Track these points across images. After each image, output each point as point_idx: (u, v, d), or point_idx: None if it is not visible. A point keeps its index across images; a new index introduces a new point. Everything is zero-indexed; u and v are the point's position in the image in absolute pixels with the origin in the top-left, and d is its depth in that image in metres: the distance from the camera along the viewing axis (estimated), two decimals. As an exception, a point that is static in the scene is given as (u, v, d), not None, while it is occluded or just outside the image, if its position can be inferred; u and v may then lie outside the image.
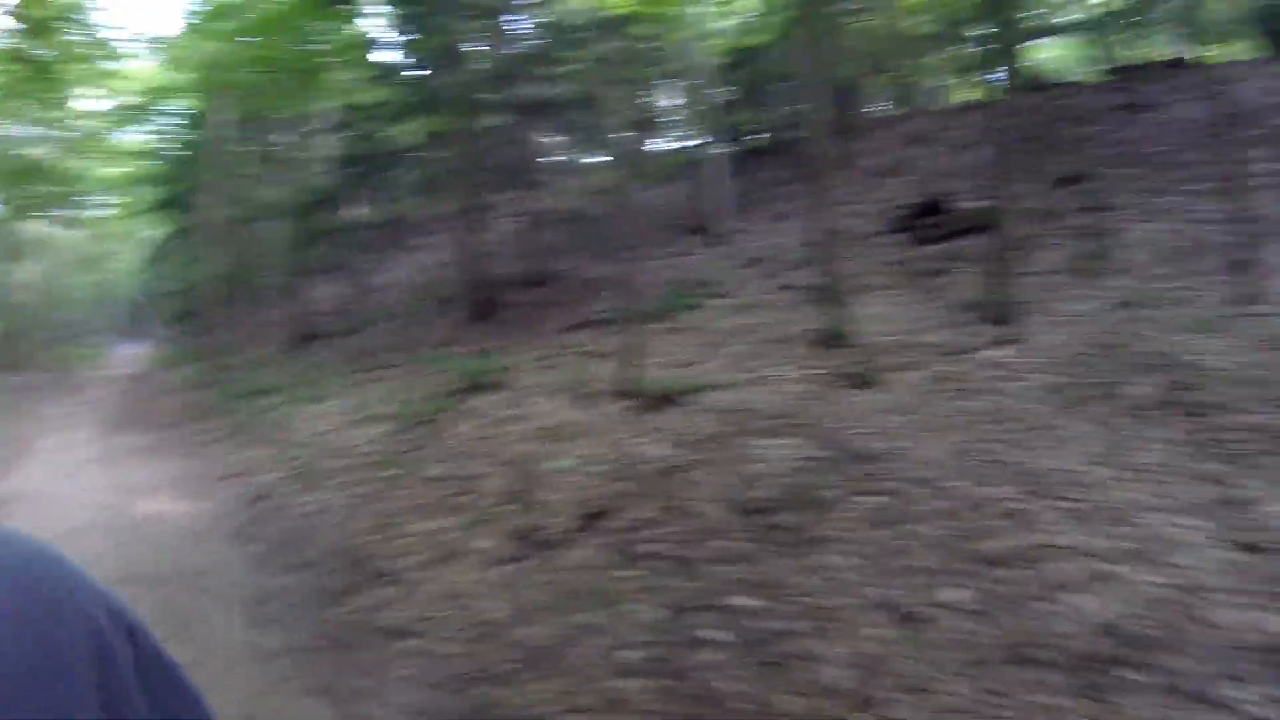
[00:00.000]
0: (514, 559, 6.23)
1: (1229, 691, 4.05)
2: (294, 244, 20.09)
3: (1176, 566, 4.79)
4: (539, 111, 16.52)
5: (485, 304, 15.49)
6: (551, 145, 19.75)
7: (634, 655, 4.75)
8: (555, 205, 17.48)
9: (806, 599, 4.99)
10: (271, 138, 21.88)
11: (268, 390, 14.32)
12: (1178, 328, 8.01)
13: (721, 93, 18.97)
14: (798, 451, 6.68)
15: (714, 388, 8.42)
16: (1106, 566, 4.83)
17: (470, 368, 10.98)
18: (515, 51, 16.82)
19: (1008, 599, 4.71)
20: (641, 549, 5.97)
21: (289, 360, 17.93)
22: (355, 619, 5.70)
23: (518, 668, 4.81)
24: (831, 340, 8.85)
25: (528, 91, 16.17)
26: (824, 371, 8.30)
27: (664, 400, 8.32)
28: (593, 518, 6.54)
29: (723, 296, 11.71)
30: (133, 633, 0.79)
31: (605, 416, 8.50)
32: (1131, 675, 4.15)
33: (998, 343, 8.32)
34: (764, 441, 6.97)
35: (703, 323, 10.82)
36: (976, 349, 8.31)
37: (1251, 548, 4.91)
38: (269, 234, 21.73)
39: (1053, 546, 5.07)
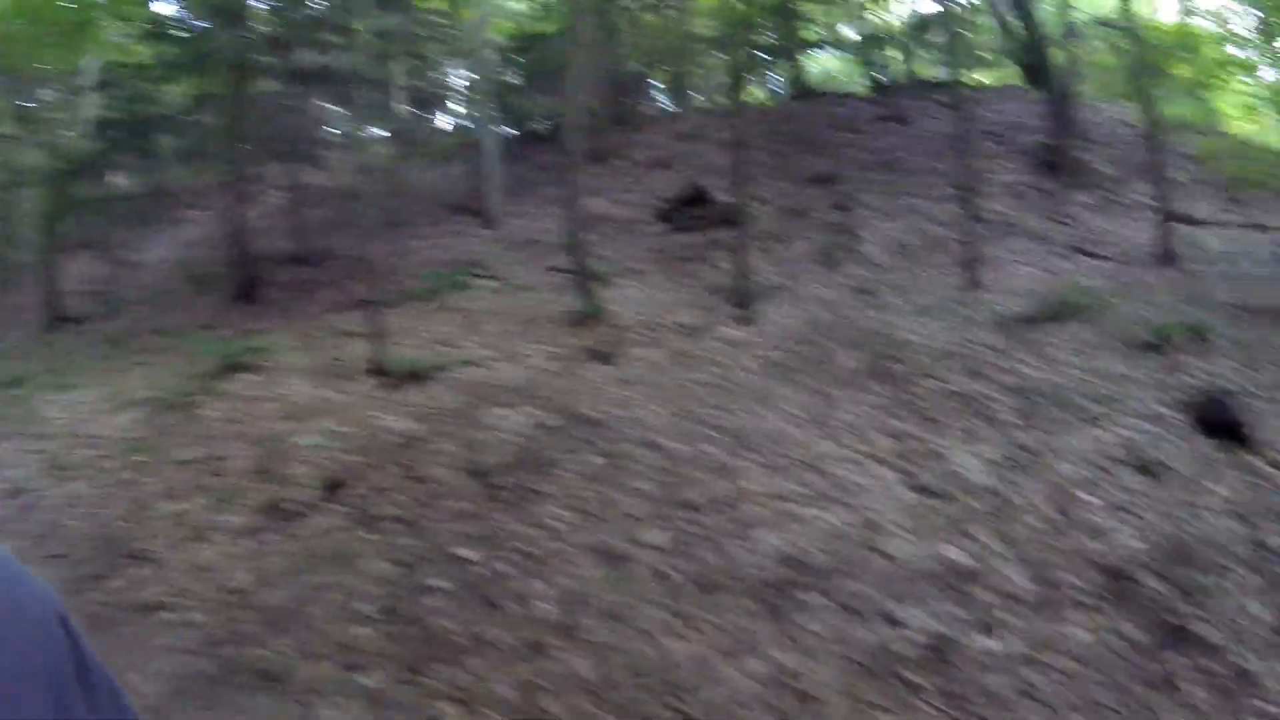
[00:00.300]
0: (260, 531, 6.38)
1: (900, 610, 4.55)
2: (49, 216, 18.51)
3: (861, 507, 5.27)
4: (318, 80, 15.84)
5: (251, 283, 14.70)
6: (329, 117, 18.96)
7: (368, 607, 5.07)
8: (329, 180, 16.87)
9: (524, 548, 5.35)
10: (33, 94, 20.06)
11: (18, 380, 13.25)
12: (901, 311, 8.67)
13: (506, 75, 18.79)
14: (532, 420, 6.90)
15: (466, 364, 8.53)
16: (795, 508, 5.31)
17: (228, 350, 10.57)
18: (299, 15, 16.05)
19: (704, 538, 5.14)
20: (378, 513, 6.20)
21: (41, 346, 16.66)
22: (112, 600, 5.65)
23: (263, 628, 5.05)
24: (585, 320, 9.03)
25: (308, 58, 15.49)
26: (571, 349, 8.52)
27: (414, 377, 8.39)
28: (334, 488, 6.67)
29: (491, 278, 11.70)
30: (69, 633, 0.77)
31: (355, 394, 8.52)
32: (811, 599, 4.62)
33: (736, 323, 8.76)
34: (502, 412, 7.16)
35: (468, 303, 10.79)
36: (716, 328, 8.72)
37: (932, 491, 5.45)
38: (21, 204, 19.97)
39: (749, 493, 5.55)
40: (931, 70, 20.34)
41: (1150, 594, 4.91)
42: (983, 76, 21.06)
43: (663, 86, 23.32)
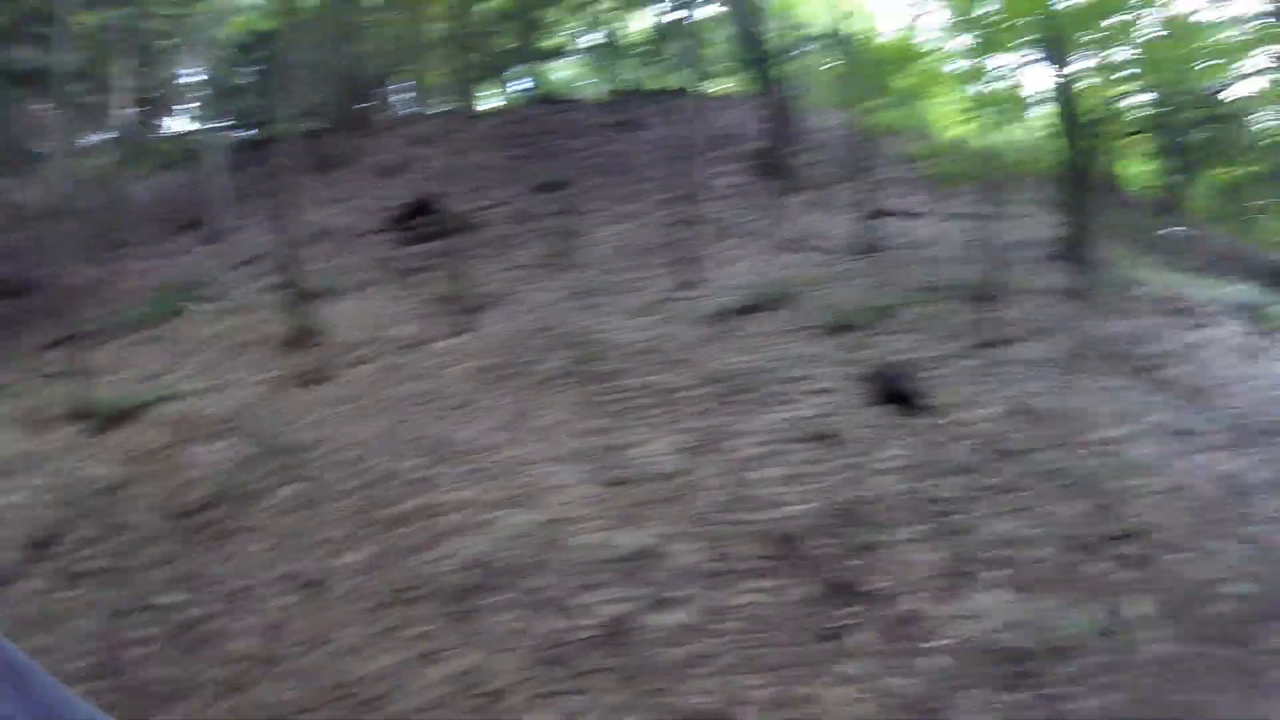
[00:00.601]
0: (-34, 603, 6.08)
1: (583, 599, 4.79)
2: None
3: (549, 505, 5.54)
4: (33, 81, 14.45)
5: (-48, 323, 13.44)
6: (43, 123, 17.19)
7: (76, 665, 4.94)
8: (43, 196, 15.47)
9: (224, 585, 5.35)
10: None
11: None
12: (615, 312, 9.00)
13: (236, 75, 17.77)
14: (234, 452, 6.83)
15: (174, 398, 8.26)
16: (488, 513, 5.55)
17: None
18: (14, 6, 14.54)
19: (399, 553, 5.27)
20: (82, 568, 6.06)
21: None
22: None
23: (-29, 707, 4.78)
24: (302, 340, 8.82)
25: (21, 56, 14.13)
26: (284, 372, 8.38)
27: (120, 418, 8.05)
28: (39, 547, 6.45)
29: (210, 300, 11.17)
30: None
31: (60, 442, 8.11)
32: (498, 598, 4.81)
33: (454, 333, 8.86)
34: (205, 447, 7.05)
35: (184, 329, 10.28)
36: (433, 340, 8.81)
37: (618, 483, 5.76)
38: None
39: (444, 503, 5.72)
40: (668, 78, 21.06)
41: (820, 554, 5.29)
42: (716, 85, 22.08)
43: (402, 89, 22.92)
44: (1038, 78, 12.88)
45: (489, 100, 22.50)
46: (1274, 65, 14.86)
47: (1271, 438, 7.75)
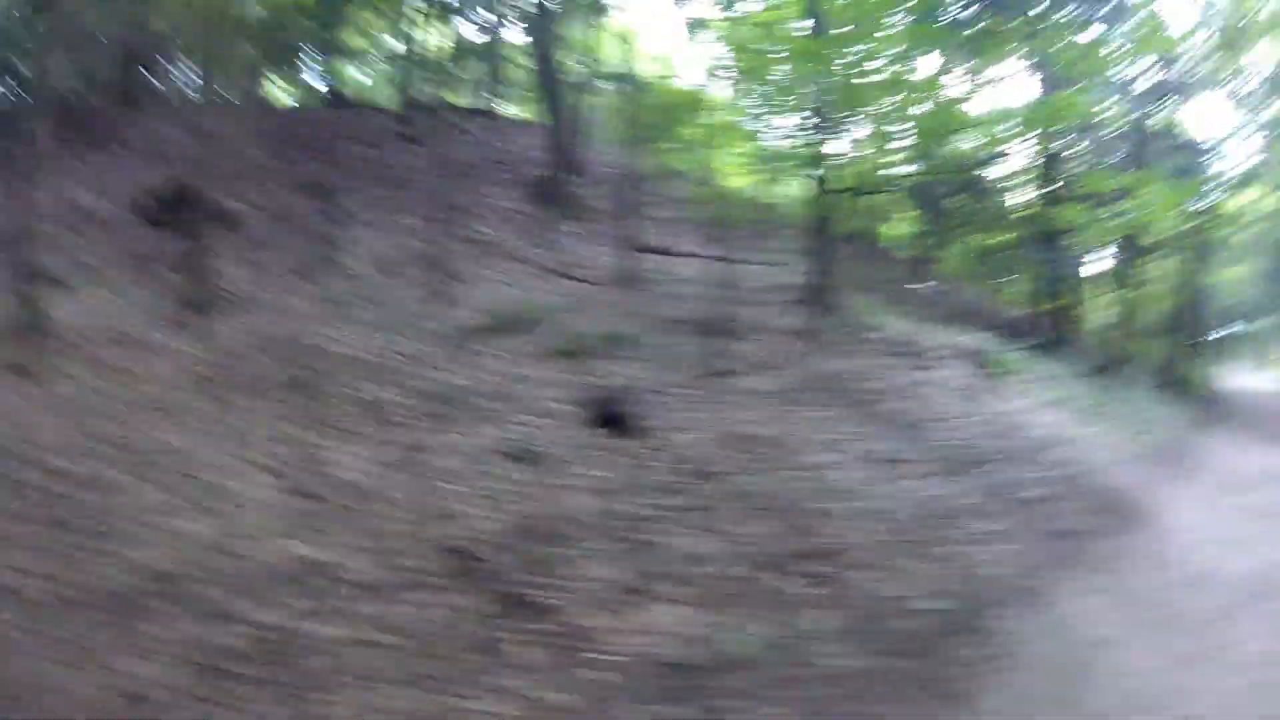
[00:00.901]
0: None
1: (244, 608, 4.84)
2: None
3: (232, 515, 5.59)
4: None
5: None
6: None
7: None
8: None
9: None
10: None
11: None
12: (356, 324, 9.15)
13: (11, 29, 16.35)
14: None
15: None
16: (166, 520, 5.59)
17: None
18: None
19: (67, 558, 5.17)
20: None
21: None
22: None
23: None
24: (23, 330, 8.36)
25: None
26: (-4, 363, 7.93)
27: None
28: None
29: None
30: None
31: None
32: (161, 606, 4.82)
33: (185, 334, 8.73)
34: None
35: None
36: (158, 339, 8.62)
37: (307, 494, 5.84)
38: None
39: (127, 509, 5.65)
40: (464, 97, 21.13)
41: (499, 569, 5.46)
42: (510, 109, 22.37)
43: (187, 70, 21.82)
44: (815, 138, 13.68)
45: (278, 94, 21.90)
46: (1030, 146, 16.56)
47: (979, 467, 8.40)
